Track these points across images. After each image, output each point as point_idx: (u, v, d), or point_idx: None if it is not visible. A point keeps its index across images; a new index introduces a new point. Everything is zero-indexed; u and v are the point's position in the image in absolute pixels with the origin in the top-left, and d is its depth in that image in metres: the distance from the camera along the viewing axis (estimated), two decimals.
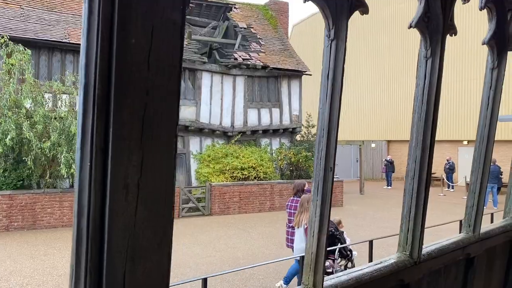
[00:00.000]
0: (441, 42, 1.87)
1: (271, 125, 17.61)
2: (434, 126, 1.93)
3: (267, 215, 14.79)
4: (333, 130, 1.62)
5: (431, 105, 1.89)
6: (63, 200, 12.44)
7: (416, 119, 1.91)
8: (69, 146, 11.43)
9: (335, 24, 1.73)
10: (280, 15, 20.68)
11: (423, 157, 1.92)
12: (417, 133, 1.92)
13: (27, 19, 13.79)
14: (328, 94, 1.77)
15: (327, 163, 1.70)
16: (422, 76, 1.89)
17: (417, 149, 1.93)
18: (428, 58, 1.87)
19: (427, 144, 1.91)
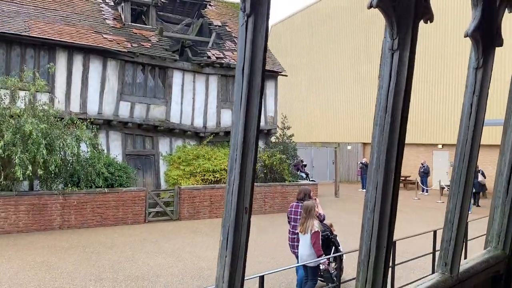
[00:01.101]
0: (412, 29, 1.39)
1: None
2: (401, 142, 1.46)
3: None
4: None
5: (397, 113, 1.42)
6: (19, 203, 11.63)
7: (377, 133, 1.44)
8: (25, 146, 10.66)
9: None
10: None
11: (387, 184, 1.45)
12: (379, 152, 1.45)
13: None
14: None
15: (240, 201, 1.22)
16: (387, 74, 1.42)
17: (378, 174, 1.45)
18: (394, 50, 1.41)
19: (392, 168, 1.44)
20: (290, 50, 35.14)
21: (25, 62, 13.07)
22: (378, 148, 1.46)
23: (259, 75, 1.24)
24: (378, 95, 1.48)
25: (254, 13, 1.22)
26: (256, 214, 15.13)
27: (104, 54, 14.27)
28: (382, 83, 1.45)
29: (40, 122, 10.91)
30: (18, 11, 13.57)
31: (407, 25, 1.40)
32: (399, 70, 1.42)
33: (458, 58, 22.25)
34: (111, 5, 16.21)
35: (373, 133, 1.48)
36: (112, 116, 14.54)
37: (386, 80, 1.43)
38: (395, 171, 1.46)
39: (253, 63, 1.23)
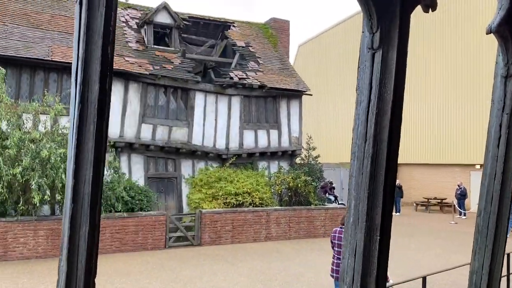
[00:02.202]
0: (400, 20, 0.91)
1: (269, 147, 16.62)
2: (388, 184, 0.97)
3: (262, 245, 13.67)
4: None
5: (381, 141, 0.94)
6: (38, 229, 11.50)
7: (355, 168, 0.97)
8: (43, 171, 10.55)
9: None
10: (281, 33, 19.94)
11: None
12: (357, 198, 0.97)
13: (10, 36, 13.15)
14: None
15: None
16: (366, 84, 0.95)
17: (357, 234, 0.97)
18: (375, 49, 0.94)
19: (375, 225, 0.96)
20: (317, 69, 34.73)
21: (48, 86, 13.18)
22: (356, 192, 0.98)
23: (97, 80, 0.83)
24: (355, 115, 1.00)
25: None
26: (280, 240, 14.51)
27: (126, 76, 14.25)
28: (360, 98, 0.97)
29: (59, 147, 10.81)
30: (43, 37, 13.78)
31: (392, 14, 0.91)
32: (383, 78, 0.94)
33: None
34: (134, 28, 16.32)
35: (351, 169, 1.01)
36: (134, 139, 14.41)
37: (365, 93, 0.96)
38: (381, 231, 0.97)
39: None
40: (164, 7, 16.17)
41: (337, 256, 6.61)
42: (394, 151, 1.01)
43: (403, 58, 0.96)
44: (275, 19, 20.09)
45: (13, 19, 13.85)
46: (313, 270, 10.59)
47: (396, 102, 0.98)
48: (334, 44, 33.48)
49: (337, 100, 31.99)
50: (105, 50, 0.85)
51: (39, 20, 14.33)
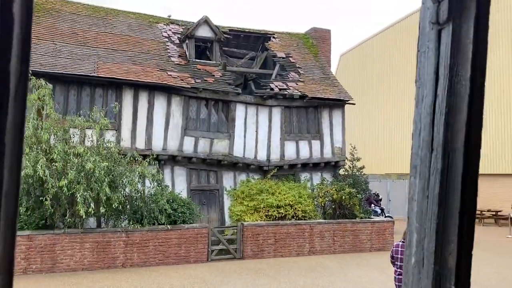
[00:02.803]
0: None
1: (311, 158, 16.25)
2: (468, 209, 0.71)
3: (306, 260, 13.27)
4: None
5: (455, 149, 0.69)
6: (84, 241, 11.72)
7: (417, 189, 0.72)
8: (88, 184, 10.76)
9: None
10: (322, 43, 19.64)
11: None
12: (420, 230, 0.72)
13: (58, 54, 13.69)
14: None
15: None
16: (430, 73, 0.71)
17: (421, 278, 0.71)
18: (442, 24, 0.69)
19: (450, 268, 0.70)
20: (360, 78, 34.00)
21: (94, 102, 13.56)
22: (419, 223, 0.73)
23: None
24: (415, 115, 0.75)
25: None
26: (325, 254, 14.04)
27: (168, 90, 14.44)
28: (421, 93, 0.73)
29: (103, 160, 11.02)
30: (89, 54, 14.25)
31: None
32: (455, 63, 0.69)
33: None
34: (176, 43, 16.58)
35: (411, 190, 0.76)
36: (177, 152, 14.52)
37: (429, 86, 0.71)
38: (456, 278, 0.71)
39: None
40: (205, 21, 16.34)
41: (399, 272, 6.41)
42: (474, 164, 0.74)
43: (484, 33, 0.70)
44: (315, 28, 19.84)
45: (62, 38, 14.44)
46: (359, 287, 10.09)
47: (474, 96, 0.73)
48: (377, 52, 32.70)
49: (383, 108, 31.10)
50: None
51: (86, 38, 14.86)
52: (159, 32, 16.78)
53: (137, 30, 16.35)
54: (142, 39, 16.02)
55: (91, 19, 15.84)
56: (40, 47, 13.66)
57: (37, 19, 14.65)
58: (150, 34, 16.48)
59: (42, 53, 13.47)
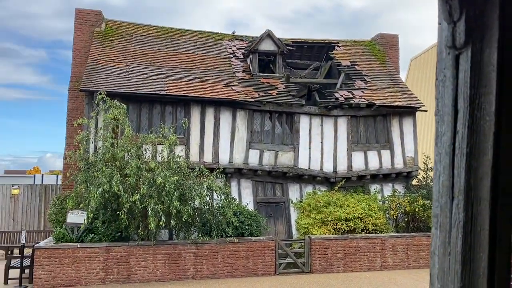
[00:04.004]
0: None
1: (381, 169, 15.64)
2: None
3: (377, 275, 12.71)
4: None
5: (481, 201, 0.58)
6: (156, 253, 12.18)
7: (438, 246, 0.63)
8: (159, 198, 11.20)
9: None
10: (389, 48, 19.00)
11: None
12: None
13: (131, 75, 14.53)
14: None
15: None
16: (448, 105, 0.61)
17: None
18: (460, 47, 0.59)
19: None
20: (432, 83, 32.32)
21: (164, 118, 14.17)
22: (441, 283, 0.64)
23: None
24: (435, 155, 0.65)
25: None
26: (398, 270, 13.36)
27: (233, 105, 14.71)
28: (440, 129, 0.63)
29: (173, 174, 11.43)
30: (159, 73, 14.96)
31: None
32: (476, 94, 0.58)
33: None
34: (241, 58, 16.90)
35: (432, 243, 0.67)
36: (243, 165, 14.70)
37: (447, 121, 0.61)
38: None
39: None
40: (268, 35, 16.51)
41: None
42: (505, 216, 0.62)
43: (510, 58, 0.58)
44: (382, 34, 19.24)
45: (133, 59, 15.32)
46: None
47: (501, 133, 0.60)
48: None
49: None
50: None
51: (156, 58, 15.64)
52: (224, 49, 17.22)
53: (203, 48, 16.91)
54: (208, 56, 16.53)
55: (160, 40, 16.66)
56: (114, 69, 14.60)
57: (112, 43, 15.70)
58: (216, 51, 16.96)
59: (116, 74, 14.37)
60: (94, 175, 11.20)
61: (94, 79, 13.94)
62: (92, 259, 11.66)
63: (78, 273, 11.53)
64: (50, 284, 11.30)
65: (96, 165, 11.37)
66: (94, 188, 10.76)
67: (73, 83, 15.20)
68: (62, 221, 12.39)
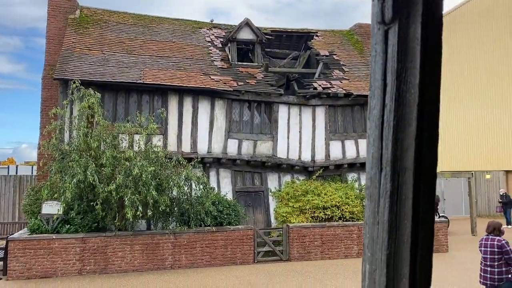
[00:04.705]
0: None
1: (358, 158, 15.83)
2: None
3: (354, 262, 12.94)
4: None
5: (404, 168, 0.60)
6: (134, 243, 12.11)
7: (369, 216, 0.64)
8: (136, 188, 11.10)
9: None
10: (367, 39, 19.10)
11: None
12: None
13: (107, 63, 14.26)
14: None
15: None
16: (378, 79, 0.64)
17: None
18: (388, 22, 0.62)
19: None
20: None
21: (141, 108, 13.98)
22: (371, 252, 0.64)
23: None
24: (367, 128, 0.66)
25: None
26: None
27: (211, 94, 14.62)
28: (371, 103, 0.64)
29: (150, 164, 11.32)
30: (136, 61, 14.73)
31: None
32: (402, 68, 0.59)
33: None
34: (219, 47, 16.77)
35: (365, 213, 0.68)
36: (221, 154, 14.67)
37: (378, 94, 0.62)
38: None
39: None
40: (246, 23, 16.41)
41: (484, 263, 7.19)
42: (428, 186, 0.63)
43: (436, 33, 0.59)
44: (360, 24, 19.35)
45: (109, 47, 15.03)
46: None
47: (426, 105, 0.62)
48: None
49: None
50: None
51: (132, 46, 15.38)
52: (202, 37, 17.05)
53: (180, 36, 16.70)
54: (186, 44, 16.34)
55: (137, 28, 16.37)
56: (89, 57, 14.30)
57: (87, 31, 15.35)
58: (194, 40, 16.78)
59: (91, 62, 14.08)
60: (69, 165, 11.02)
61: (69, 67, 13.63)
62: (68, 250, 11.52)
63: (54, 265, 11.38)
64: (25, 276, 11.13)
65: (71, 155, 11.17)
66: (69, 179, 10.60)
67: (47, 71, 14.83)
68: (37, 212, 12.17)
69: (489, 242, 7.26)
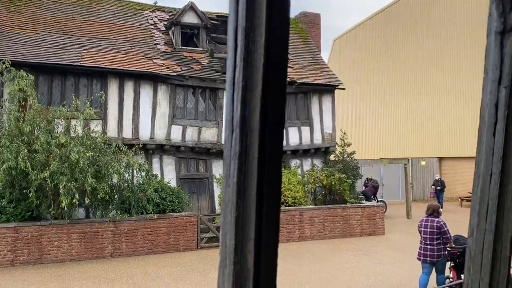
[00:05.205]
0: None
1: (301, 145, 16.17)
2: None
3: (295, 246, 13.27)
4: None
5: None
6: (71, 232, 11.67)
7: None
8: (72, 175, 10.65)
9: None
10: (311, 27, 19.41)
11: None
12: None
13: (41, 44, 13.47)
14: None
15: None
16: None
17: None
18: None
19: None
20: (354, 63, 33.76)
21: (78, 91, 13.38)
22: (223, 216, 0.67)
23: None
24: (225, 91, 0.69)
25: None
26: (315, 240, 14.05)
27: (154, 79, 14.26)
28: (228, 66, 0.65)
29: (87, 150, 10.89)
30: (73, 43, 14.02)
31: None
32: (252, 27, 0.65)
33: None
34: (162, 30, 16.34)
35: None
36: (165, 141, 14.40)
37: (231, 55, 0.66)
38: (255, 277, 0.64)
39: None
40: (190, 7, 16.08)
41: (424, 242, 7.82)
42: (274, 147, 0.65)
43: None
44: (305, 13, 19.58)
45: (44, 27, 14.19)
46: (348, 272, 10.10)
47: (270, 65, 0.63)
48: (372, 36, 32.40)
49: (375, 93, 30.94)
50: None
51: (69, 26, 14.61)
52: (144, 20, 16.52)
53: (122, 18, 16.09)
54: (128, 26, 15.77)
55: (75, 7, 15.56)
56: (22, 36, 13.44)
57: (19, 8, 14.39)
58: (136, 22, 16.22)
59: (24, 43, 13.25)
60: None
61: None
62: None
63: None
64: None
65: (0, 141, 10.50)
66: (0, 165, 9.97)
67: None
68: None
69: (428, 223, 7.83)
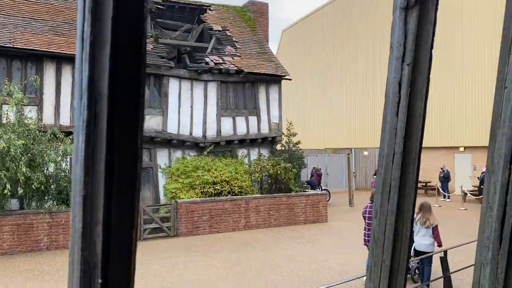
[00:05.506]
0: None
1: (248, 134, 16.15)
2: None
3: (241, 234, 13.29)
4: None
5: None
6: (2, 224, 10.96)
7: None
8: (3, 164, 9.97)
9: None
10: (259, 17, 19.34)
11: None
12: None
13: None
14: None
15: None
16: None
17: None
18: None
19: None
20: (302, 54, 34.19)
21: (11, 75, 12.50)
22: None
23: None
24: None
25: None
26: (260, 228, 14.15)
27: None
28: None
29: (19, 138, 10.23)
30: (5, 23, 13.06)
31: None
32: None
33: (482, 51, 20.90)
34: None
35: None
36: None
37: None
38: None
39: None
40: None
41: (367, 228, 8.00)
42: (124, 111, 0.57)
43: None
44: (253, 1, 19.46)
45: None
46: (291, 260, 10.24)
47: (120, 20, 0.56)
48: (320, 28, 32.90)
49: (325, 85, 31.54)
50: None
51: (0, 5, 13.57)
52: None
53: None
54: (66, 7, 14.90)
55: None
56: None
57: None
58: (75, 3, 15.34)
59: None
60: None
61: None
62: None
63: None
64: None
65: None
66: None
67: None
68: None
69: (373, 209, 8.17)
